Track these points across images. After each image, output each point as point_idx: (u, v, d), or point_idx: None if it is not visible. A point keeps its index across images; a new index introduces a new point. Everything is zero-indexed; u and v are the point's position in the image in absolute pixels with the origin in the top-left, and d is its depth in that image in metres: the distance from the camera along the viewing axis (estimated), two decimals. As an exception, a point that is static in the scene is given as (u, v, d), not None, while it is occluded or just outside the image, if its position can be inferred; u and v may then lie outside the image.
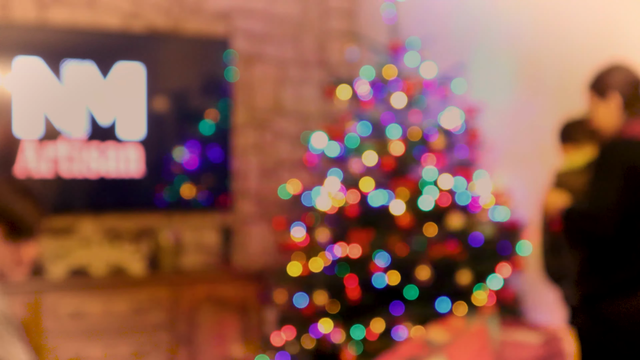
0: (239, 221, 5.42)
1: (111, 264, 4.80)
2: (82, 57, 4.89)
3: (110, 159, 4.96)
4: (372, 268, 4.37)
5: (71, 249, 4.73)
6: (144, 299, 4.76)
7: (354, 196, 4.52)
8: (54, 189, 4.86)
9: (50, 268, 4.66)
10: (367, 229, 4.45)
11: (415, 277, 4.38)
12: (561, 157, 3.97)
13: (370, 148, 4.56)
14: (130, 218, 5.11)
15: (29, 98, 4.77)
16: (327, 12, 5.74)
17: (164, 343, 4.79)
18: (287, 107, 5.62)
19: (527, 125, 4.53)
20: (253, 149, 5.50)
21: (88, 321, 4.63)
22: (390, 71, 4.63)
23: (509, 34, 4.64)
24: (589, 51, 4.21)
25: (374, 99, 4.65)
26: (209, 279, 4.98)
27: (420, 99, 4.65)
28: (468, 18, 4.90)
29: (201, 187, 5.19)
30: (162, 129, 5.12)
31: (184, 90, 5.19)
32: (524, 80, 4.56)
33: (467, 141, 4.64)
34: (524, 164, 4.54)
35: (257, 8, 5.52)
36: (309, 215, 4.65)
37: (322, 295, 4.54)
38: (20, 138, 4.76)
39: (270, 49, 5.57)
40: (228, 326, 4.98)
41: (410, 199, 4.43)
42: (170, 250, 5.03)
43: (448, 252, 4.37)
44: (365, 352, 4.34)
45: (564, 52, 4.34)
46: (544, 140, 4.44)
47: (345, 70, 5.60)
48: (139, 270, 4.83)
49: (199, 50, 5.23)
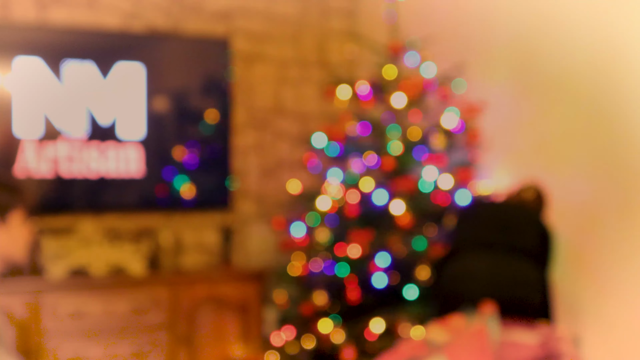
0: (239, 221, 5.42)
1: (111, 264, 4.80)
2: (82, 57, 4.89)
3: (110, 159, 4.97)
4: (372, 268, 4.37)
5: (71, 249, 4.73)
6: (144, 299, 4.76)
7: (354, 196, 4.52)
8: (54, 189, 4.86)
9: (50, 268, 4.66)
10: (367, 229, 4.45)
11: (415, 277, 4.38)
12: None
13: (370, 148, 4.56)
14: (130, 218, 5.11)
15: (29, 98, 4.78)
16: (327, 12, 5.74)
17: (164, 343, 4.79)
18: (287, 107, 5.62)
19: (527, 125, 4.53)
20: (253, 149, 5.50)
21: (88, 321, 4.63)
22: (390, 71, 4.63)
23: (508, 34, 4.64)
24: (589, 51, 4.21)
25: (374, 99, 4.65)
26: (209, 279, 4.98)
27: (420, 99, 4.65)
28: (468, 18, 4.90)
29: (201, 187, 5.19)
30: (162, 129, 5.12)
31: (184, 90, 5.19)
32: (524, 80, 4.56)
33: (467, 141, 4.64)
34: (524, 164, 4.54)
35: (257, 8, 5.52)
36: (309, 215, 4.65)
37: (322, 295, 4.54)
38: (20, 138, 4.77)
39: (270, 49, 5.57)
40: (228, 326, 4.98)
41: (410, 199, 4.43)
42: (170, 250, 5.04)
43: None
44: (365, 352, 4.35)
45: (564, 52, 4.34)
46: (543, 140, 4.44)
47: (345, 70, 5.60)
48: (139, 270, 4.83)
49: (199, 50, 5.23)
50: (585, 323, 4.17)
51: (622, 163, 4.04)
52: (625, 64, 4.04)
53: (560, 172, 4.33)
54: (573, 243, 4.23)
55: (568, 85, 4.32)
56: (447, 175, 4.51)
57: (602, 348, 4.11)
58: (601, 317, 4.12)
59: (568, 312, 4.19)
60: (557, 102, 4.39)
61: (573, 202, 4.25)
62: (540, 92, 4.47)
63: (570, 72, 4.30)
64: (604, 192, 4.12)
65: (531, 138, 4.52)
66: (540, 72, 4.47)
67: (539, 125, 4.47)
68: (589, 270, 4.19)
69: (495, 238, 3.83)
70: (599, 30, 4.16)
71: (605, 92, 4.13)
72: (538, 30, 4.47)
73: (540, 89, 4.47)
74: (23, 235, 2.85)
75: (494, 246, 3.81)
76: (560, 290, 4.19)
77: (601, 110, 4.15)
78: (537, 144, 4.48)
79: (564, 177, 4.30)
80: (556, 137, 4.38)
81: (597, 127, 4.17)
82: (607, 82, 4.12)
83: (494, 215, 3.96)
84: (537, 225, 3.90)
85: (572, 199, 4.25)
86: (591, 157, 4.19)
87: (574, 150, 4.28)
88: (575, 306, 4.20)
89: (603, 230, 4.12)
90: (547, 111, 4.43)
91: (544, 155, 4.43)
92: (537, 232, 3.88)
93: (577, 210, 4.23)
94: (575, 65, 4.28)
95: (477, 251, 3.82)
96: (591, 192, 4.18)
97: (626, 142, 4.03)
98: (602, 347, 4.11)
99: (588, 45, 4.22)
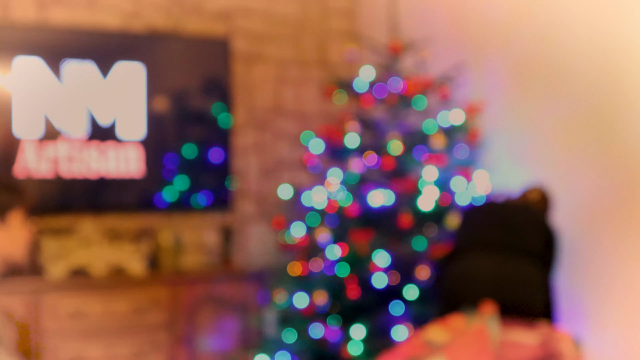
0: (239, 221, 5.42)
1: (111, 264, 4.80)
2: (82, 57, 4.89)
3: (110, 159, 4.97)
4: (372, 268, 4.37)
5: (71, 249, 4.73)
6: (144, 298, 4.76)
7: (354, 196, 4.52)
8: (54, 189, 4.86)
9: (50, 268, 4.66)
10: (367, 229, 4.45)
11: (415, 277, 4.38)
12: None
13: (370, 148, 4.56)
14: (130, 218, 5.11)
15: (29, 98, 4.78)
16: (327, 12, 5.74)
17: (164, 343, 4.79)
18: (287, 107, 5.62)
19: (527, 125, 4.53)
20: (253, 149, 5.50)
21: (88, 321, 4.63)
22: (390, 71, 4.63)
23: (508, 34, 4.64)
24: (589, 50, 4.21)
25: (374, 99, 4.65)
26: (209, 279, 4.98)
27: (420, 99, 4.65)
28: (468, 18, 4.90)
29: (201, 187, 5.19)
30: (162, 129, 5.12)
31: (184, 90, 5.19)
32: (524, 80, 4.56)
33: (467, 141, 4.64)
34: (524, 164, 4.54)
35: (257, 8, 5.52)
36: (309, 215, 4.65)
37: (322, 295, 4.54)
38: (20, 138, 4.77)
39: (270, 49, 5.57)
40: (228, 326, 4.98)
41: (410, 199, 4.43)
42: (170, 250, 5.04)
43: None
44: (365, 352, 4.34)
45: (564, 52, 4.34)
46: (543, 140, 4.44)
47: (345, 70, 5.60)
48: (139, 270, 4.83)
49: (199, 50, 5.23)
50: (587, 323, 4.17)
51: (624, 162, 4.04)
52: (625, 64, 4.04)
53: (561, 172, 4.33)
54: (574, 243, 4.23)
55: (568, 85, 4.32)
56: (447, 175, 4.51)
57: (604, 348, 4.11)
58: (603, 318, 4.12)
59: (570, 312, 4.19)
60: (557, 102, 4.39)
61: (574, 202, 4.25)
62: (540, 92, 4.47)
63: (571, 71, 4.30)
64: (605, 191, 4.12)
65: (531, 138, 4.52)
66: (540, 72, 4.47)
67: (539, 125, 4.47)
68: (590, 270, 4.19)
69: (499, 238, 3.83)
70: (599, 30, 4.16)
71: (605, 92, 4.13)
72: (538, 30, 4.47)
73: (540, 88, 4.47)
74: (23, 235, 2.86)
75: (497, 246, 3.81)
76: (561, 290, 4.20)
77: (601, 109, 4.15)
78: (537, 143, 4.48)
79: (564, 176, 4.30)
80: (556, 137, 4.38)
81: (597, 126, 4.17)
82: (608, 81, 4.12)
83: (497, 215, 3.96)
84: (542, 226, 3.90)
85: (572, 199, 4.25)
86: (592, 156, 4.19)
87: (574, 149, 4.28)
88: (577, 306, 4.21)
89: (604, 230, 4.12)
90: (547, 111, 4.43)
91: (544, 155, 4.43)
92: (541, 233, 3.88)
93: (578, 210, 4.23)
94: (575, 65, 4.28)
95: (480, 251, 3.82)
96: (592, 192, 4.18)
97: (627, 141, 4.02)
98: (603, 347, 4.11)
99: (588, 45, 4.22)
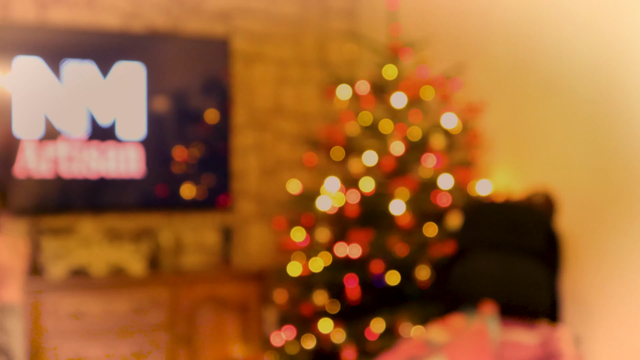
0: (239, 221, 5.42)
1: (111, 264, 4.80)
2: (82, 57, 4.89)
3: (110, 159, 4.97)
4: (372, 268, 4.37)
5: (71, 249, 4.73)
6: (144, 299, 4.76)
7: (354, 196, 4.51)
8: (54, 189, 4.86)
9: (50, 268, 4.66)
10: (367, 229, 4.45)
11: (415, 277, 4.38)
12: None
13: (370, 148, 4.56)
14: (130, 218, 5.11)
15: (29, 98, 4.78)
16: (327, 12, 5.74)
17: (164, 343, 4.79)
18: (287, 107, 5.62)
19: (527, 125, 4.53)
20: (253, 149, 5.50)
21: (88, 321, 4.63)
22: (390, 71, 4.63)
23: (508, 34, 4.64)
24: (589, 50, 4.21)
25: (374, 99, 4.65)
26: (209, 279, 4.98)
27: (420, 99, 4.65)
28: (468, 18, 4.90)
29: (201, 187, 5.19)
30: (162, 129, 5.12)
31: (184, 90, 5.19)
32: (524, 80, 4.56)
33: (467, 141, 4.64)
34: (524, 163, 4.54)
35: (257, 8, 5.52)
36: (309, 215, 4.65)
37: (322, 295, 4.54)
38: (20, 138, 4.77)
39: (270, 49, 5.57)
40: (228, 326, 4.98)
41: (410, 199, 4.43)
42: (170, 250, 5.04)
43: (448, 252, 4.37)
44: (365, 352, 4.34)
45: (564, 52, 4.34)
46: (544, 140, 4.44)
47: (345, 70, 5.60)
48: (139, 270, 4.83)
49: (199, 50, 5.23)
50: (589, 323, 4.17)
51: (624, 162, 4.04)
52: (625, 64, 4.04)
53: (561, 172, 4.33)
54: (575, 243, 4.23)
55: (568, 85, 4.32)
56: (447, 175, 4.50)
57: (606, 348, 4.11)
58: (605, 317, 4.12)
59: (572, 312, 4.19)
60: (557, 101, 4.39)
61: (575, 202, 4.25)
62: (540, 92, 4.47)
63: (570, 71, 4.30)
64: (606, 191, 4.12)
65: (531, 138, 4.52)
66: (540, 72, 4.47)
67: (539, 125, 4.47)
68: (591, 270, 4.19)
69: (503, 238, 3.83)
70: (599, 30, 4.16)
71: (605, 92, 4.13)
72: (538, 30, 4.47)
73: (540, 88, 4.47)
74: (20, 244, 2.68)
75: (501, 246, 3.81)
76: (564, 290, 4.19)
77: (601, 109, 4.15)
78: (537, 143, 4.48)
79: (564, 176, 4.30)
80: (556, 137, 4.38)
81: (597, 126, 4.17)
82: (608, 81, 4.12)
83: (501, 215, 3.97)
84: (546, 227, 3.90)
85: (573, 199, 4.25)
86: (592, 156, 4.19)
87: (574, 149, 4.28)
88: (580, 306, 4.20)
89: (605, 230, 4.12)
90: (547, 111, 4.43)
91: (544, 155, 4.43)
92: (545, 233, 3.88)
93: (579, 210, 4.23)
94: (575, 64, 4.28)
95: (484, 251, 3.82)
96: (593, 192, 4.18)
97: (628, 141, 4.03)
98: (606, 347, 4.11)
99: (588, 45, 4.22)
